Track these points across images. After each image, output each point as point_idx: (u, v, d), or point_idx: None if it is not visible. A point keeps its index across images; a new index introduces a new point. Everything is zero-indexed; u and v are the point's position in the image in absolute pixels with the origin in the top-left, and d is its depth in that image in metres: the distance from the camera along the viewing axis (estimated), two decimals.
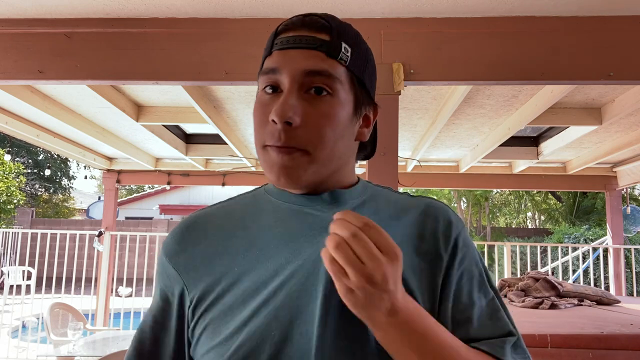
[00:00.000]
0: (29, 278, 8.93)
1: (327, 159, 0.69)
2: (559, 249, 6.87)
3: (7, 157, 9.82)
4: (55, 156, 21.06)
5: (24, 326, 6.52)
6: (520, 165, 5.38)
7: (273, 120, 0.65)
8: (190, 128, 4.97)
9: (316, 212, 0.72)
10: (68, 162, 22.42)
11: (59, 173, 22.18)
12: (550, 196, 16.63)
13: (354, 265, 0.55)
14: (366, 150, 0.82)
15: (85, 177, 20.22)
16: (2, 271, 10.11)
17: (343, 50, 0.69)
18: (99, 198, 21.85)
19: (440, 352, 0.61)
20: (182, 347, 0.75)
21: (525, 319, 2.53)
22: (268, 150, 0.68)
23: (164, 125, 4.45)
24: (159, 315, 0.76)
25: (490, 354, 0.67)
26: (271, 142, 0.67)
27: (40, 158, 21.20)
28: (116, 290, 8.92)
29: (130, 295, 8.33)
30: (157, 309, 0.77)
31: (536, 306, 2.92)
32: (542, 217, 19.01)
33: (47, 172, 17.69)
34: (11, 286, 8.27)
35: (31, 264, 8.09)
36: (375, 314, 0.58)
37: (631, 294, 7.13)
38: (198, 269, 0.73)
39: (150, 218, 17.69)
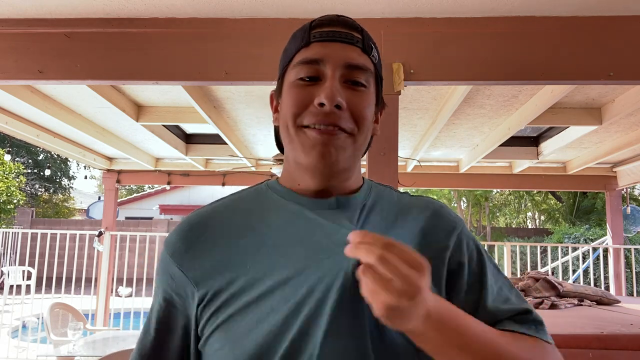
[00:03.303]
0: (29, 278, 8.93)
1: (362, 144, 0.74)
2: (559, 249, 6.87)
3: (7, 157, 9.82)
4: (55, 156, 21.05)
5: (24, 326, 6.52)
6: (520, 165, 5.38)
7: (320, 104, 0.69)
8: (190, 128, 4.97)
9: (324, 215, 0.74)
10: (68, 162, 22.41)
11: (59, 173, 22.16)
12: (550, 196, 16.63)
13: (388, 287, 0.56)
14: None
15: (85, 177, 20.23)
16: (2, 271, 10.11)
17: (373, 49, 0.75)
18: (99, 198, 21.84)
19: (478, 341, 0.65)
20: (187, 345, 0.76)
21: None
22: (306, 132, 0.71)
23: (164, 125, 4.45)
24: (162, 317, 0.76)
25: (524, 333, 0.73)
26: (314, 122, 0.70)
27: (40, 158, 21.19)
28: (116, 290, 8.93)
29: (130, 295, 8.33)
30: (160, 311, 0.76)
31: (536, 306, 2.92)
32: (542, 217, 19.02)
33: (47, 172, 17.66)
34: (11, 286, 8.27)
35: (31, 264, 8.10)
36: (412, 324, 0.59)
37: (631, 294, 7.13)
38: (206, 268, 0.73)
39: (150, 218, 17.69)
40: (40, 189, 21.61)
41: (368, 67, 0.73)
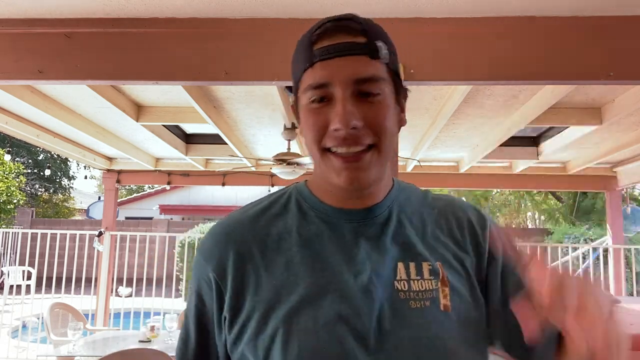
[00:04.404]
0: (29, 278, 8.92)
1: (387, 151, 0.72)
2: (559, 249, 6.87)
3: (7, 157, 9.83)
4: (55, 156, 21.03)
5: (24, 326, 6.51)
6: (520, 165, 5.38)
7: (336, 129, 0.68)
8: (190, 128, 4.97)
9: (349, 230, 0.75)
10: (68, 162, 22.39)
11: (59, 173, 22.14)
12: (550, 196, 16.62)
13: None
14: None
15: (85, 177, 20.21)
16: (2, 271, 10.11)
17: (381, 49, 0.71)
18: (99, 198, 21.81)
19: None
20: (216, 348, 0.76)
21: None
22: (330, 157, 0.70)
23: (164, 125, 4.45)
24: (200, 321, 0.77)
25: None
26: (335, 144, 0.69)
27: (40, 158, 21.17)
28: (116, 290, 8.92)
29: (130, 295, 8.32)
30: (198, 314, 0.77)
31: None
32: (542, 217, 19.01)
33: (47, 172, 17.66)
34: (11, 286, 8.26)
35: (31, 264, 8.08)
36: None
37: (631, 294, 7.12)
38: (239, 278, 0.73)
39: (150, 218, 17.66)
40: (40, 189, 21.59)
41: (378, 76, 0.70)
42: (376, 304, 0.68)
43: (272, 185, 5.95)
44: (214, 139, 4.97)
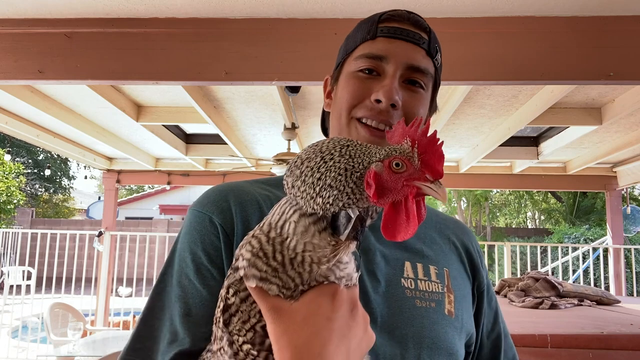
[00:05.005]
0: (29, 278, 8.92)
1: None
2: (559, 249, 6.87)
3: (7, 157, 9.83)
4: (55, 156, 21.04)
5: (24, 326, 6.52)
6: (520, 165, 5.38)
7: (377, 100, 0.70)
8: (190, 128, 4.97)
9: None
10: (68, 162, 22.39)
11: (59, 173, 22.15)
12: (550, 196, 16.63)
13: None
14: None
15: (85, 177, 20.21)
16: (2, 271, 10.10)
17: (437, 51, 0.76)
18: (99, 198, 21.84)
19: None
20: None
21: (525, 319, 2.53)
22: (357, 126, 0.72)
23: (164, 125, 4.45)
24: (204, 269, 0.66)
25: None
26: (367, 116, 0.71)
27: (40, 158, 21.18)
28: (116, 290, 8.92)
29: (130, 295, 8.33)
30: (197, 267, 0.65)
31: (536, 306, 2.92)
32: (542, 217, 19.01)
33: (47, 172, 17.67)
34: (11, 286, 8.26)
35: (31, 264, 8.08)
36: None
37: (631, 294, 7.12)
38: (249, 218, 0.67)
39: (150, 218, 17.68)
40: (40, 189, 21.60)
41: (429, 71, 0.74)
42: (380, 296, 0.67)
43: None
44: (214, 139, 4.97)
